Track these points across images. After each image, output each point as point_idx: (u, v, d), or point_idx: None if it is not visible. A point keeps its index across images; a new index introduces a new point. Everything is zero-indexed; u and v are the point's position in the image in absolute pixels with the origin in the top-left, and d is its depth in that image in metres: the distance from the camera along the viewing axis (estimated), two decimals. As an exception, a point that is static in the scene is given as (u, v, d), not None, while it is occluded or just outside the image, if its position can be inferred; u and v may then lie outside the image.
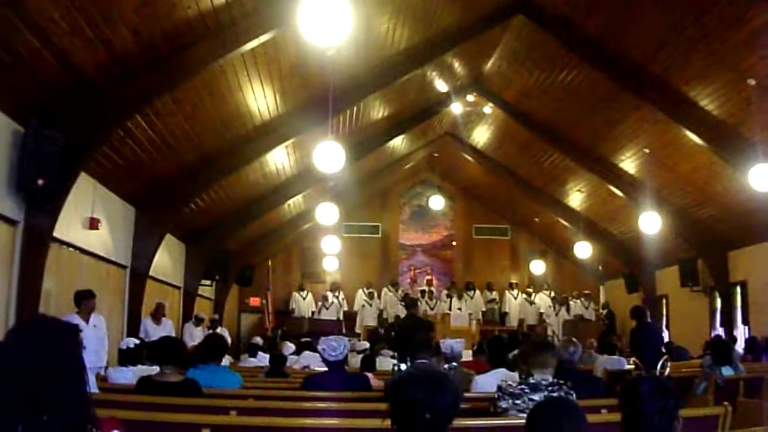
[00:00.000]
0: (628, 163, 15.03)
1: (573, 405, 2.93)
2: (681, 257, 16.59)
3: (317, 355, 11.96)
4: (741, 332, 14.80)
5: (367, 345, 12.86)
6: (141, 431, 4.19)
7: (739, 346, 12.87)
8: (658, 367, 9.92)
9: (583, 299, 21.06)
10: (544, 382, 4.74)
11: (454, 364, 7.69)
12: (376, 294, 21.49)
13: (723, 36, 9.95)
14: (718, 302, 15.82)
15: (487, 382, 6.30)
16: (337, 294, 20.98)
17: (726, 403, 5.07)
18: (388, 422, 2.84)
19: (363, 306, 21.19)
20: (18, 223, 8.24)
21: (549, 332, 19.68)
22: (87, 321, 8.60)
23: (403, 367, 8.88)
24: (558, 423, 2.70)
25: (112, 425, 2.78)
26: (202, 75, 9.55)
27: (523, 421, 2.89)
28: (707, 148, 12.35)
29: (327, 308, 20.32)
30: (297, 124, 12.49)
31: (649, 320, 12.05)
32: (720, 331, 15.28)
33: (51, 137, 7.98)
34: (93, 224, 10.34)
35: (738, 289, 15.29)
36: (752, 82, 10.21)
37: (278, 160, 14.38)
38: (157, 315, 12.23)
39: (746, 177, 10.69)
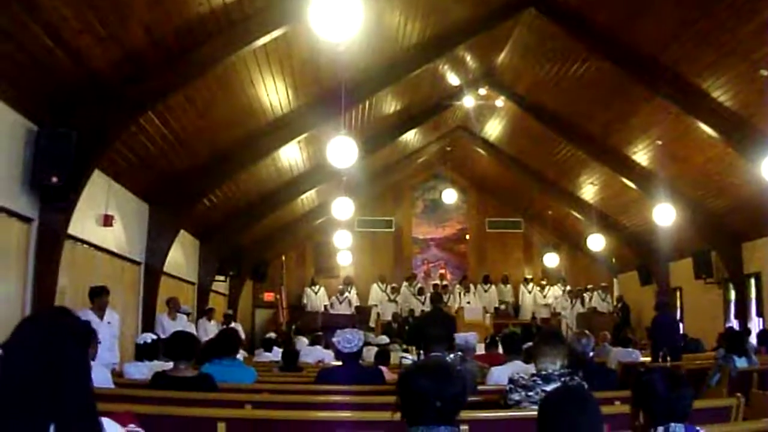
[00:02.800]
0: (641, 155, 14.96)
1: (585, 394, 2.92)
2: (695, 249, 16.49)
3: (328, 351, 12.06)
4: (755, 324, 14.71)
5: (387, 339, 12.82)
6: (156, 426, 4.21)
7: (754, 338, 12.82)
8: (659, 359, 10.02)
9: (599, 292, 20.95)
10: (555, 373, 4.73)
11: (460, 354, 7.70)
12: (391, 288, 21.38)
13: (735, 27, 9.89)
14: (733, 294, 15.75)
15: (502, 374, 6.32)
16: (349, 288, 21.01)
17: (739, 394, 5.07)
18: (398, 415, 2.87)
19: (381, 302, 21.08)
20: (32, 220, 8.28)
21: (563, 325, 19.67)
22: (101, 317, 8.63)
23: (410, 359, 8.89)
24: (570, 412, 2.69)
25: (127, 420, 2.81)
26: (214, 71, 9.56)
27: (536, 413, 2.89)
28: (720, 140, 12.29)
29: (340, 302, 20.36)
30: (309, 119, 12.51)
31: (665, 314, 12.20)
32: (734, 322, 15.20)
33: (64, 135, 8.01)
34: (107, 221, 10.37)
35: (752, 281, 15.18)
36: (765, 72, 10.15)
37: (291, 155, 14.41)
38: (171, 310, 12.18)
39: (759, 168, 10.63)
